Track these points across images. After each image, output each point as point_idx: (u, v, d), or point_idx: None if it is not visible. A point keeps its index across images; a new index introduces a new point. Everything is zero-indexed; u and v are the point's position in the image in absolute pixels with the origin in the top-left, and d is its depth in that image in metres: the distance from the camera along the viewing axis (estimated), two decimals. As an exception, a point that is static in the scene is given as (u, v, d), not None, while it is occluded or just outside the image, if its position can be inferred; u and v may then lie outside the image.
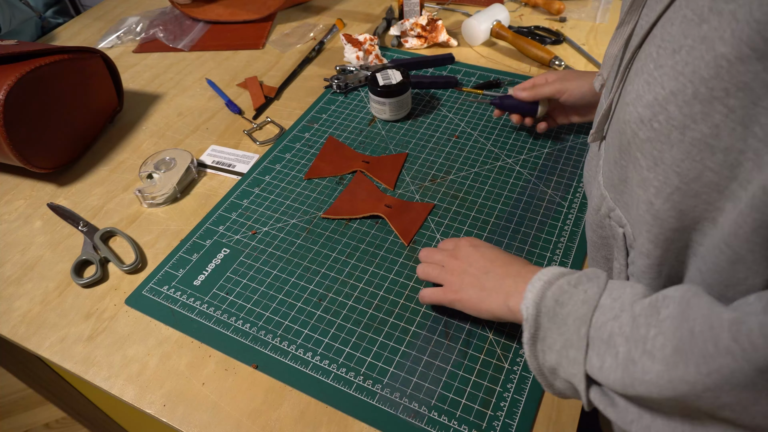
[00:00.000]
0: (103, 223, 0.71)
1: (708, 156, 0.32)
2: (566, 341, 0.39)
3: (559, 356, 0.40)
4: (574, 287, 0.41)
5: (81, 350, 0.57)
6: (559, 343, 0.40)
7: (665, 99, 0.33)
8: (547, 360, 0.41)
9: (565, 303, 0.40)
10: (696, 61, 0.31)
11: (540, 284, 0.43)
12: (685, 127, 0.32)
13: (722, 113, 0.30)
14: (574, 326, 0.39)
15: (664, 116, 0.33)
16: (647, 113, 0.35)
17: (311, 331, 0.57)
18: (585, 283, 0.40)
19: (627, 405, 0.36)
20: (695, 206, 0.34)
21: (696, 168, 0.33)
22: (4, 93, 0.67)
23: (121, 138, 0.85)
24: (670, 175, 0.34)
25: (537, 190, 0.70)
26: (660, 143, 0.34)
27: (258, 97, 0.89)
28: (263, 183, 0.74)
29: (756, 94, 0.29)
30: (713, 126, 0.31)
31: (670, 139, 0.33)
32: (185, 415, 0.51)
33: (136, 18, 1.13)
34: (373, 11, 1.13)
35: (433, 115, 0.84)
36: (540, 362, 0.42)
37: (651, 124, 0.35)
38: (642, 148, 0.36)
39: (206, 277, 0.63)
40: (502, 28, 0.96)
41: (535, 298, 0.42)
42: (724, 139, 0.31)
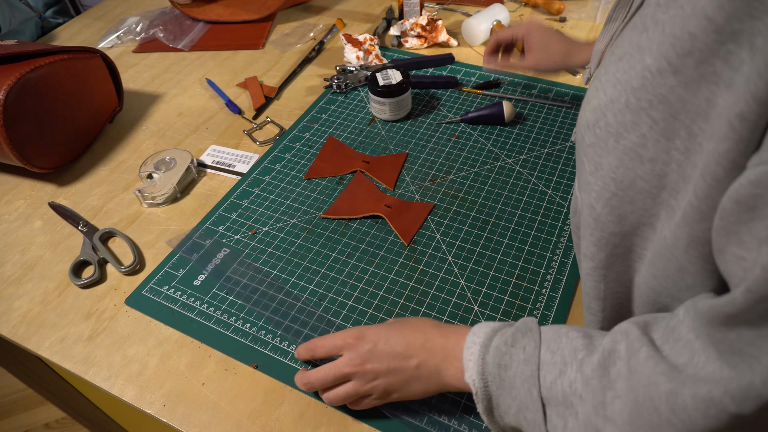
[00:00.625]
0: (103, 223, 0.71)
1: (638, 165, 0.33)
2: (520, 404, 0.38)
3: (517, 419, 0.39)
4: (511, 347, 0.40)
5: (81, 350, 0.57)
6: (513, 407, 0.39)
7: (605, 106, 0.34)
8: (507, 422, 0.41)
9: (507, 366, 0.39)
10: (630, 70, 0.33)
11: (477, 350, 0.42)
12: (618, 135, 0.33)
13: (647, 124, 0.31)
14: (524, 389, 0.38)
15: (603, 122, 0.35)
16: (592, 118, 0.36)
17: (311, 331, 0.57)
18: (521, 340, 0.40)
19: None
20: (632, 211, 0.35)
21: (629, 175, 0.34)
22: (4, 93, 0.67)
23: (121, 138, 0.85)
24: (607, 181, 0.35)
25: (537, 190, 0.70)
26: (600, 149, 0.35)
27: (258, 97, 0.89)
28: (263, 183, 0.74)
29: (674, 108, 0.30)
30: (641, 136, 0.32)
31: (608, 146, 0.34)
32: (185, 415, 0.51)
33: (136, 18, 1.13)
34: (373, 11, 1.13)
35: (433, 115, 0.84)
36: (502, 426, 0.42)
37: (594, 129, 0.36)
38: (587, 152, 0.37)
39: (206, 277, 0.63)
40: (502, 28, 0.95)
41: (478, 369, 0.41)
42: (650, 149, 0.32)
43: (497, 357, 0.40)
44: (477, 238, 0.65)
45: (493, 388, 0.40)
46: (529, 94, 0.86)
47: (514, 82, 0.88)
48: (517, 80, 0.89)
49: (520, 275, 0.60)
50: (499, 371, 0.40)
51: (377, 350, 0.46)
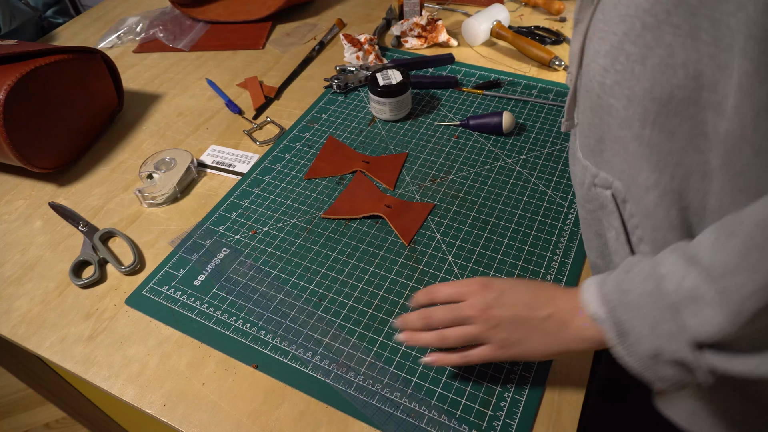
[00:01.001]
0: (104, 223, 0.71)
1: (672, 75, 0.35)
2: (653, 321, 0.37)
3: (654, 339, 0.37)
4: (626, 273, 0.39)
5: (81, 350, 0.57)
6: (646, 327, 0.37)
7: (620, 42, 0.37)
8: (643, 350, 0.38)
9: (629, 289, 0.39)
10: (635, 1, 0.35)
11: (594, 288, 0.41)
12: (644, 58, 0.35)
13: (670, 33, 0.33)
14: (651, 303, 0.37)
15: (623, 57, 0.37)
16: (608, 61, 0.38)
17: (311, 331, 0.57)
18: (636, 265, 0.39)
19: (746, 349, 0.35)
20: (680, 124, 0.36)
21: (666, 90, 0.35)
22: (4, 93, 0.67)
23: (121, 138, 0.85)
24: (647, 104, 0.37)
25: (537, 190, 0.70)
26: (627, 81, 0.37)
27: (258, 97, 0.89)
28: (263, 183, 0.74)
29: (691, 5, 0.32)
30: (667, 47, 0.34)
31: (635, 74, 0.36)
32: (185, 415, 0.51)
33: (136, 18, 1.13)
34: (373, 11, 1.13)
35: (433, 115, 0.84)
36: (639, 357, 0.39)
37: (614, 68, 0.38)
38: (613, 92, 0.39)
39: (206, 277, 0.63)
40: (502, 28, 0.96)
41: (599, 299, 0.40)
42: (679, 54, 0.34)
43: (616, 284, 0.40)
44: (477, 238, 0.65)
45: (620, 312, 0.39)
46: (528, 95, 0.86)
47: (515, 82, 0.88)
48: (518, 80, 0.89)
49: (520, 275, 0.60)
50: (621, 296, 0.39)
51: (504, 298, 0.45)
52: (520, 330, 0.45)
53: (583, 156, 0.47)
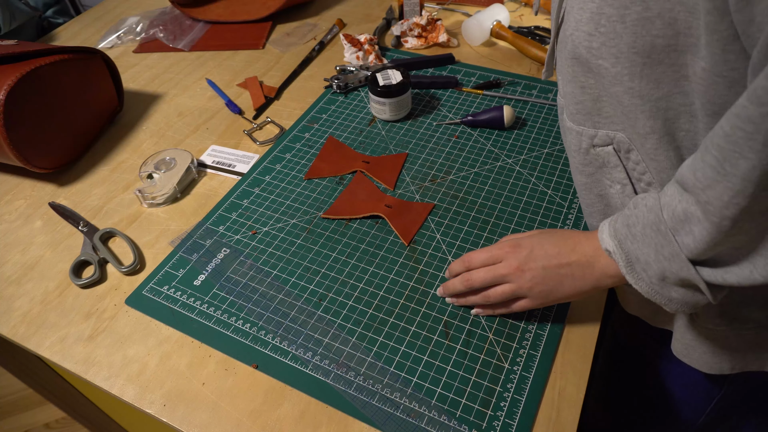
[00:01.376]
0: (104, 223, 0.71)
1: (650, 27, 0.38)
2: (656, 247, 0.41)
3: (658, 263, 0.42)
4: (635, 209, 0.44)
5: (81, 350, 0.57)
6: (651, 253, 0.42)
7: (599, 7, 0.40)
8: (651, 274, 0.43)
9: (634, 223, 0.43)
10: None
11: (606, 227, 0.47)
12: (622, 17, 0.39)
13: None
14: (653, 232, 0.41)
15: (604, 19, 0.40)
16: (591, 26, 0.42)
17: (311, 331, 0.57)
18: (642, 201, 0.43)
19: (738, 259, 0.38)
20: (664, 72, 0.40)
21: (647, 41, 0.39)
22: (4, 93, 0.67)
23: (121, 138, 0.85)
24: (632, 58, 0.40)
25: (537, 190, 0.70)
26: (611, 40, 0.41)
27: (258, 97, 0.89)
28: (263, 183, 0.74)
29: None
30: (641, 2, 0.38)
31: (617, 32, 0.40)
32: (185, 415, 0.51)
33: (136, 18, 1.13)
34: (373, 11, 1.13)
35: (433, 115, 0.84)
36: (647, 281, 0.43)
37: (598, 30, 0.41)
38: (600, 53, 0.42)
39: (206, 277, 0.63)
40: (502, 28, 0.96)
41: (609, 234, 0.46)
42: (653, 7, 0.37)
43: (624, 220, 0.45)
44: (477, 238, 0.65)
45: (627, 244, 0.44)
46: (528, 95, 0.86)
47: (515, 82, 0.88)
48: (518, 80, 0.89)
49: (520, 275, 0.60)
50: (629, 230, 0.44)
51: (533, 254, 0.51)
52: (552, 279, 0.50)
53: (575, 122, 0.51)
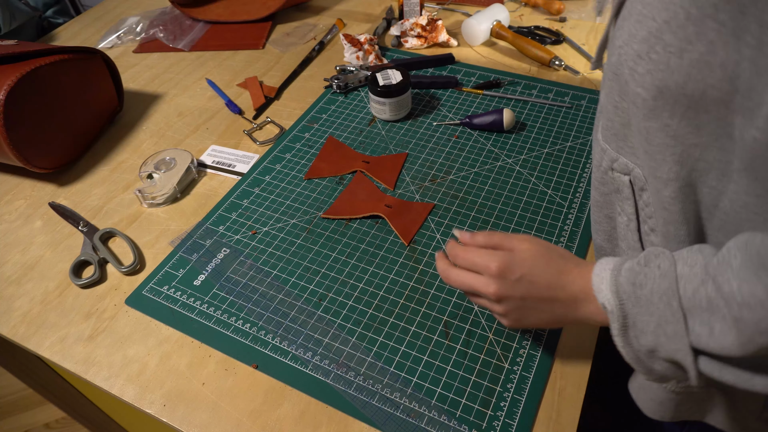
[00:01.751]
0: (103, 223, 0.71)
1: (708, 74, 0.34)
2: (659, 319, 0.38)
3: (656, 336, 0.38)
4: (645, 266, 0.39)
5: (81, 350, 0.57)
6: (652, 323, 0.38)
7: (659, 30, 0.35)
8: (642, 344, 0.40)
9: (643, 284, 0.39)
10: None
11: (608, 274, 0.42)
12: (682, 50, 0.34)
13: (714, 29, 0.32)
14: (662, 302, 0.37)
15: (660, 46, 0.35)
16: (643, 47, 0.37)
17: (311, 331, 0.57)
18: (654, 260, 0.39)
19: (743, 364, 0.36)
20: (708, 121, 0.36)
21: (699, 87, 0.34)
22: (4, 93, 0.67)
23: (121, 138, 0.85)
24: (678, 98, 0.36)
25: (537, 190, 0.70)
26: (661, 72, 0.36)
27: (258, 97, 0.89)
28: (263, 183, 0.74)
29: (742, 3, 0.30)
30: (708, 43, 0.33)
31: (670, 66, 0.35)
32: (185, 415, 0.51)
33: (136, 18, 1.13)
34: (373, 11, 1.13)
35: (433, 115, 0.84)
36: (636, 348, 0.40)
37: (649, 56, 0.36)
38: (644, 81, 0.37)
39: (206, 277, 0.63)
40: (502, 28, 0.96)
41: (611, 288, 0.41)
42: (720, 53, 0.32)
43: (631, 277, 0.40)
44: (477, 238, 0.65)
45: (629, 306, 0.40)
46: (528, 95, 0.86)
47: (515, 82, 0.88)
48: (518, 80, 0.89)
49: (520, 275, 0.60)
50: (634, 290, 0.39)
51: (520, 283, 0.46)
52: (528, 310, 0.47)
53: (603, 138, 0.47)
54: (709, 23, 0.32)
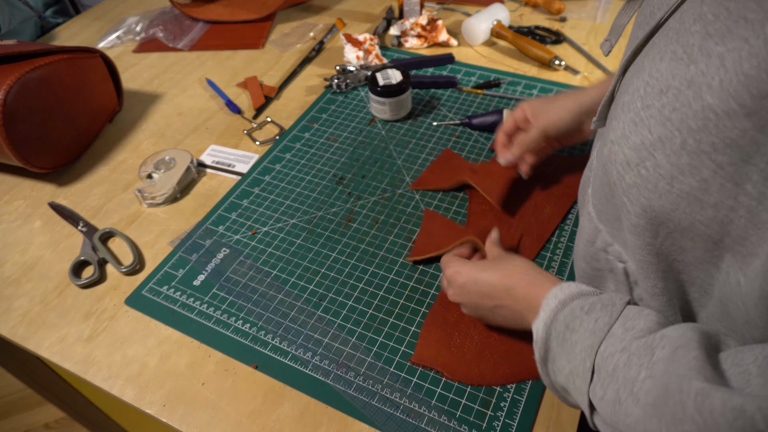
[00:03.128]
0: (103, 223, 0.71)
1: (698, 210, 0.30)
2: (573, 369, 0.39)
3: (567, 381, 0.40)
4: (586, 314, 0.39)
5: (81, 350, 0.57)
6: (567, 369, 0.40)
7: (652, 145, 0.32)
8: (557, 381, 0.42)
9: (575, 329, 0.39)
10: (683, 108, 0.29)
11: (555, 304, 0.42)
12: (672, 177, 0.31)
13: (710, 168, 0.29)
14: (580, 357, 0.38)
15: (651, 163, 0.32)
16: (634, 157, 0.33)
17: (311, 331, 0.57)
18: (597, 311, 0.39)
19: None
20: (693, 248, 0.33)
21: (687, 219, 0.31)
22: (4, 93, 0.67)
23: (121, 138, 0.84)
24: (663, 221, 0.33)
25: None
26: (648, 191, 0.33)
27: (258, 97, 0.89)
28: (263, 183, 0.74)
29: (746, 152, 0.27)
30: (702, 180, 0.29)
31: (658, 189, 0.32)
32: (185, 415, 0.51)
33: (135, 18, 1.13)
34: (373, 11, 1.13)
35: (433, 115, 0.84)
36: (552, 380, 0.43)
37: (638, 169, 0.33)
38: (629, 193, 0.34)
39: (206, 277, 0.63)
40: (502, 28, 0.96)
41: (546, 320, 0.41)
42: (714, 194, 0.29)
43: (569, 318, 0.40)
44: (477, 238, 0.65)
45: (554, 344, 0.41)
46: (529, 95, 0.86)
47: (515, 82, 0.88)
48: (518, 80, 0.89)
49: (520, 275, 0.60)
50: (565, 331, 0.40)
51: (466, 288, 0.51)
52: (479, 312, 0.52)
53: (597, 218, 0.44)
54: (705, 160, 0.29)
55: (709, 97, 0.28)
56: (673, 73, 0.30)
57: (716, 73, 0.28)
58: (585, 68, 0.91)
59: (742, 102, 0.26)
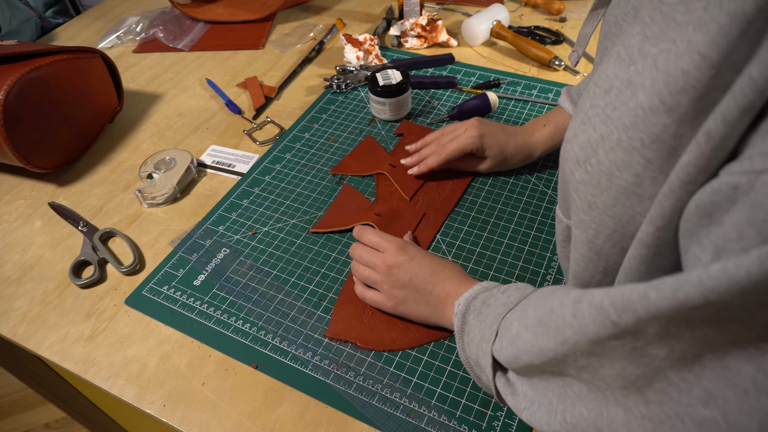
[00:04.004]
0: (103, 223, 0.71)
1: (636, 203, 0.32)
2: (482, 335, 0.44)
3: (477, 349, 0.44)
4: (502, 293, 0.45)
5: (81, 350, 0.57)
6: (477, 337, 0.44)
7: (596, 142, 0.33)
8: (470, 353, 0.46)
9: (490, 304, 0.45)
10: (622, 106, 0.31)
11: (478, 288, 0.48)
12: (611, 174, 0.32)
13: (641, 164, 0.30)
14: (488, 322, 0.43)
15: (594, 160, 0.33)
16: (582, 154, 0.35)
17: (311, 331, 0.57)
18: (512, 291, 0.45)
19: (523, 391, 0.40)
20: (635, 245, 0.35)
21: (627, 213, 0.33)
22: (4, 93, 0.67)
23: (121, 138, 0.85)
24: (605, 219, 0.34)
25: (537, 190, 0.70)
26: (592, 187, 0.34)
27: (258, 97, 0.89)
28: (263, 183, 0.74)
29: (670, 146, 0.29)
30: (635, 175, 0.31)
31: (600, 185, 0.33)
32: (185, 415, 0.51)
33: (136, 18, 1.13)
34: (373, 11, 1.13)
35: (433, 114, 0.84)
36: (467, 354, 0.47)
37: (585, 166, 0.34)
38: (578, 189, 0.36)
39: (206, 277, 0.63)
40: (502, 28, 0.96)
41: (467, 297, 0.47)
42: (648, 187, 0.31)
43: (487, 297, 0.46)
44: (477, 238, 0.65)
45: (470, 317, 0.46)
46: (528, 95, 0.86)
47: (515, 82, 0.88)
48: (518, 80, 0.89)
49: (520, 275, 0.60)
50: (482, 306, 0.46)
51: (409, 264, 0.53)
52: (409, 294, 0.53)
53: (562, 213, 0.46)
54: (635, 156, 0.30)
55: (641, 95, 0.30)
56: (617, 74, 0.32)
57: (649, 73, 0.29)
58: (585, 68, 0.91)
59: (662, 98, 0.28)
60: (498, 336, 0.42)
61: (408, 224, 0.66)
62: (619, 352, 0.29)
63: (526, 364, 0.37)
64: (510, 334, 0.39)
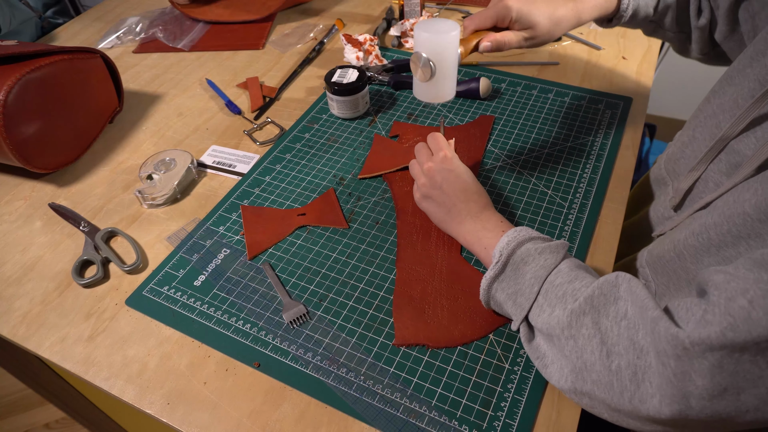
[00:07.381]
0: (103, 223, 0.71)
1: None
2: (518, 290, 0.50)
3: (507, 298, 0.51)
4: (539, 254, 0.50)
5: (81, 350, 0.57)
6: (511, 288, 0.51)
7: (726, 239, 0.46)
8: (497, 296, 0.52)
9: (528, 263, 0.50)
10: None
11: (515, 244, 0.52)
12: None
13: None
14: (529, 282, 0.49)
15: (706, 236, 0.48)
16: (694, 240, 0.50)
17: (311, 331, 0.57)
18: (547, 254, 0.50)
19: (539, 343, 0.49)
20: None
21: None
22: (4, 93, 0.67)
23: (121, 138, 0.85)
24: None
25: (537, 190, 0.70)
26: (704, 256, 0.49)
27: (258, 98, 0.89)
28: (263, 183, 0.74)
29: None
30: None
31: None
32: (185, 415, 0.51)
33: (136, 18, 1.13)
34: (373, 11, 1.13)
35: (434, 115, 0.84)
36: (491, 293, 0.53)
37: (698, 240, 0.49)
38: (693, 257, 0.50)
39: (206, 277, 0.63)
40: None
41: (508, 251, 0.51)
42: None
43: (524, 254, 0.51)
44: (477, 238, 0.65)
45: (509, 269, 0.51)
46: (529, 95, 0.86)
47: (515, 82, 0.88)
48: (518, 80, 0.89)
49: (521, 275, 0.60)
50: (521, 263, 0.51)
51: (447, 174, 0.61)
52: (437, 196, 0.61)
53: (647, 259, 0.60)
54: None
55: None
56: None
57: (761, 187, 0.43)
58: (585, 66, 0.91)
59: None
60: (544, 299, 0.48)
61: None
62: None
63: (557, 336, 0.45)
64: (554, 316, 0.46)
